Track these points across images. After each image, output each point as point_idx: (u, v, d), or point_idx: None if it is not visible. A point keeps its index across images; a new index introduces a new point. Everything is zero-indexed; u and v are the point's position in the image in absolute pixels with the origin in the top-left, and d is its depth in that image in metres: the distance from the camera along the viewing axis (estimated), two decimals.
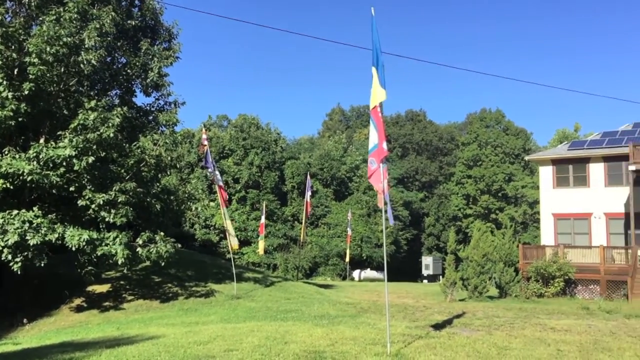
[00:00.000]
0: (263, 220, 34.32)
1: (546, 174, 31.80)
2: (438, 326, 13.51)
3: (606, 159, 29.81)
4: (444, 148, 75.33)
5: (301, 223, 40.19)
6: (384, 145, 10.40)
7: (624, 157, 27.60)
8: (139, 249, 19.00)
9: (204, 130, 24.59)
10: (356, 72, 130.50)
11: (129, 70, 21.61)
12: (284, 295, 21.80)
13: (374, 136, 10.44)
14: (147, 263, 20.53)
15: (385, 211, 10.46)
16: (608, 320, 14.76)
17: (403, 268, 57.26)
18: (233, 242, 22.81)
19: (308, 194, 36.64)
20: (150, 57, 21.91)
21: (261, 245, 34.62)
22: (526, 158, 36.42)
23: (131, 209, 18.49)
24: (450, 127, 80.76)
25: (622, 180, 28.69)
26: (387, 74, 10.50)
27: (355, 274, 51.14)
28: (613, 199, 29.08)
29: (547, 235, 30.94)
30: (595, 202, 29.60)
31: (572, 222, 30.27)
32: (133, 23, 21.82)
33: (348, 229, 48.99)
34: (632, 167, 25.69)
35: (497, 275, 25.31)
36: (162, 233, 19.46)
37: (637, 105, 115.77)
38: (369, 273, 51.43)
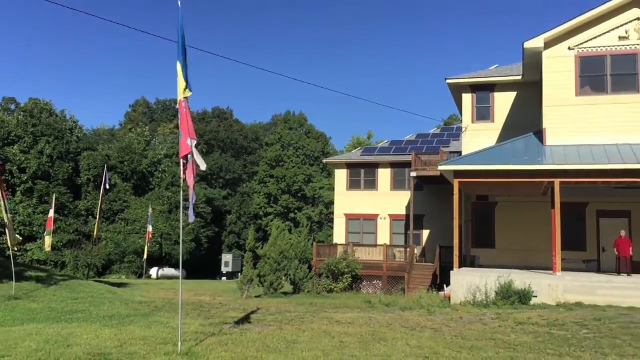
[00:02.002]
0: (52, 214, 31.63)
1: (341, 176, 33.96)
2: (232, 323, 13.69)
3: (393, 165, 32.75)
4: (249, 147, 76.42)
5: (96, 218, 37.86)
6: (188, 141, 10.26)
7: (408, 165, 30.56)
8: None
9: None
10: (165, 64, 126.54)
11: None
12: (71, 295, 20.30)
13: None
14: None
15: (187, 208, 10.35)
16: (387, 313, 16.20)
17: (203, 266, 56.89)
18: (13, 237, 20.67)
19: (105, 187, 34.60)
20: None
21: (48, 241, 31.83)
22: (324, 161, 38.47)
23: None
24: (256, 127, 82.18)
25: (406, 185, 31.77)
26: (196, 70, 10.41)
27: (153, 271, 49.55)
28: (397, 202, 32.04)
29: (339, 234, 33.04)
30: (382, 204, 32.35)
31: (362, 223, 32.72)
32: None
33: (148, 225, 47.32)
34: (413, 174, 28.54)
35: (293, 272, 26.37)
36: None
37: (421, 117, 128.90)
38: (167, 271, 50.19)
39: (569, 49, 20.60)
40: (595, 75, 20.42)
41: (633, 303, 16.42)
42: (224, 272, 53.50)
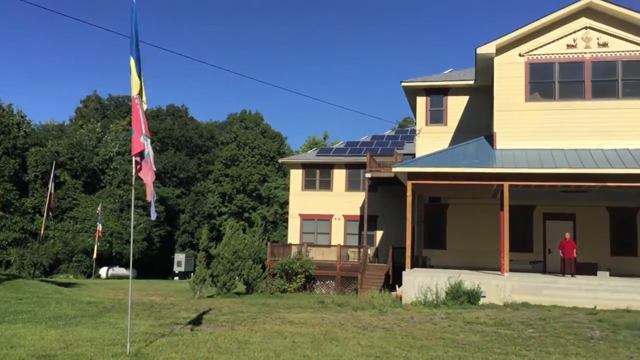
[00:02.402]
0: None
1: (296, 176, 33.98)
2: (183, 323, 13.52)
3: (348, 166, 32.98)
4: (204, 146, 75.58)
5: (43, 216, 36.76)
6: (142, 138, 10.08)
7: (363, 166, 30.84)
8: None
9: None
10: (119, 59, 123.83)
11: None
12: (15, 295, 19.65)
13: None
14: None
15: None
16: (339, 313, 16.30)
17: (155, 265, 55.95)
18: None
19: (52, 184, 33.66)
20: None
21: None
22: (280, 161, 38.41)
23: None
24: (211, 126, 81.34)
25: (360, 186, 32.04)
26: (150, 66, 10.24)
27: (103, 271, 48.39)
28: (352, 202, 32.28)
29: (293, 234, 33.05)
30: (337, 204, 32.53)
31: (316, 223, 32.82)
32: None
33: (98, 223, 46.21)
34: (367, 175, 28.81)
35: (246, 272, 26.23)
36: None
37: (376, 119, 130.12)
38: (117, 270, 49.13)
39: (520, 55, 21.18)
40: (544, 82, 21.05)
41: (576, 303, 17.00)
42: (176, 272, 52.75)
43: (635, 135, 19.78)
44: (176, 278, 50.57)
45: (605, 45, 20.52)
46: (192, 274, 40.94)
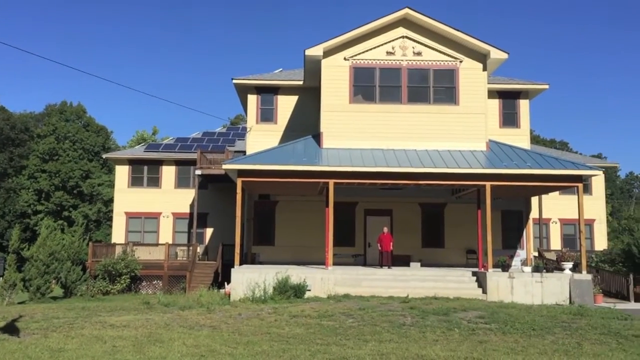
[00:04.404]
0: None
1: (122, 173, 32.43)
2: None
3: (178, 162, 32.23)
4: (17, 138, 68.75)
5: None
6: None
7: (193, 162, 30.31)
8: None
9: None
10: None
11: None
12: None
13: None
14: None
15: None
16: (165, 313, 15.86)
17: None
18: None
19: None
20: None
21: None
22: (104, 156, 36.41)
23: None
24: (25, 117, 74.22)
25: (190, 183, 31.47)
26: None
27: None
28: (181, 200, 31.61)
29: (118, 233, 31.52)
30: (165, 202, 31.63)
31: (143, 221, 31.61)
32: None
33: None
34: (198, 172, 28.37)
35: (64, 274, 24.50)
36: None
37: (208, 116, 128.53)
38: None
39: (345, 59, 22.26)
40: (366, 85, 22.35)
41: (392, 293, 18.32)
42: None
43: (444, 138, 21.76)
44: None
45: (419, 54, 22.32)
46: (0, 278, 37.24)
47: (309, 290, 18.61)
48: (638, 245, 21.28)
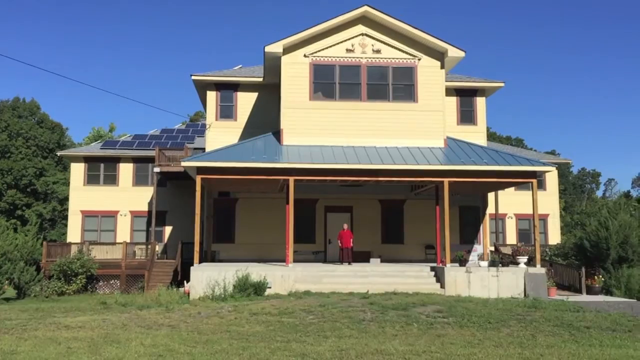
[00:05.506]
0: None
1: (78, 171, 31.71)
2: None
3: (135, 160, 31.66)
4: None
5: None
6: None
7: (151, 160, 29.82)
8: None
9: None
10: None
11: None
12: None
13: None
14: None
15: None
16: (122, 313, 15.60)
17: None
18: None
19: None
20: None
21: None
22: (59, 153, 35.48)
23: None
24: None
25: (149, 180, 30.97)
26: None
27: None
28: (139, 198, 31.07)
29: (74, 232, 30.80)
30: (123, 200, 31.05)
31: (100, 219, 30.97)
32: None
33: None
34: (156, 169, 27.93)
35: (17, 275, 23.82)
36: None
37: (166, 113, 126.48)
38: None
39: (305, 56, 22.25)
40: (326, 82, 22.38)
41: (352, 289, 18.42)
42: None
43: (404, 135, 21.97)
44: None
45: (378, 51, 22.48)
46: None
47: (270, 287, 18.57)
48: (590, 239, 21.89)
